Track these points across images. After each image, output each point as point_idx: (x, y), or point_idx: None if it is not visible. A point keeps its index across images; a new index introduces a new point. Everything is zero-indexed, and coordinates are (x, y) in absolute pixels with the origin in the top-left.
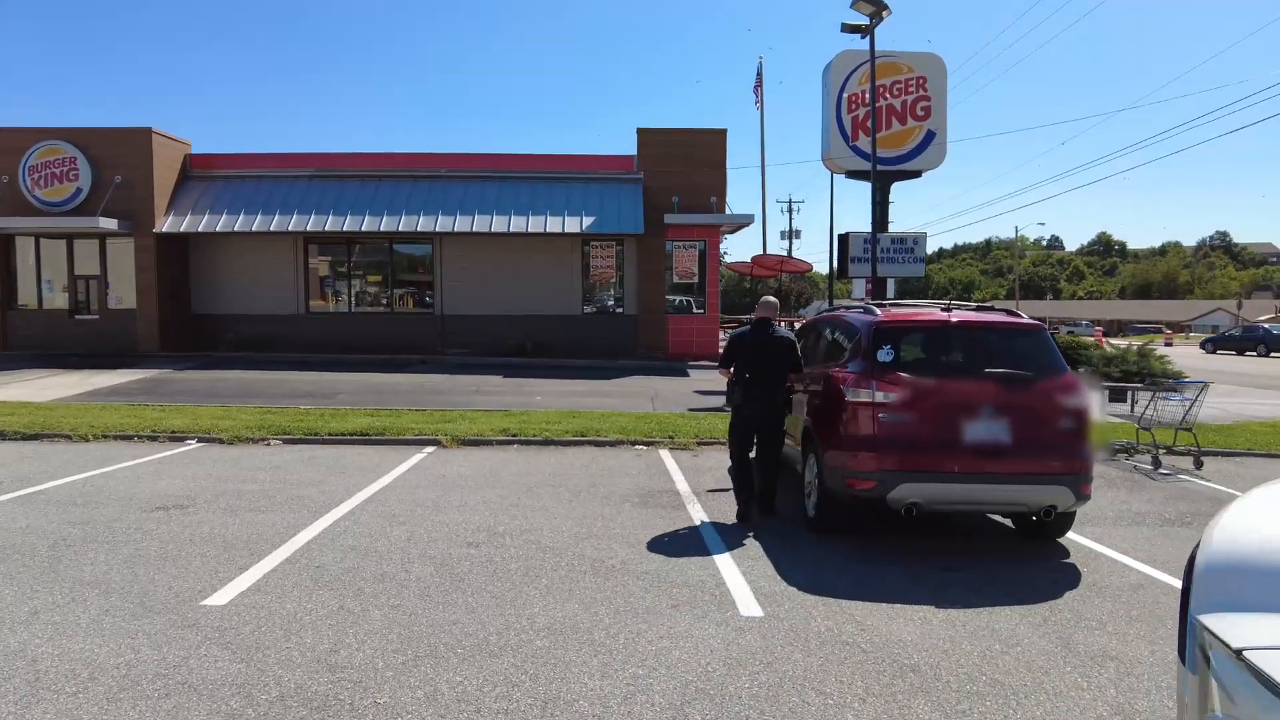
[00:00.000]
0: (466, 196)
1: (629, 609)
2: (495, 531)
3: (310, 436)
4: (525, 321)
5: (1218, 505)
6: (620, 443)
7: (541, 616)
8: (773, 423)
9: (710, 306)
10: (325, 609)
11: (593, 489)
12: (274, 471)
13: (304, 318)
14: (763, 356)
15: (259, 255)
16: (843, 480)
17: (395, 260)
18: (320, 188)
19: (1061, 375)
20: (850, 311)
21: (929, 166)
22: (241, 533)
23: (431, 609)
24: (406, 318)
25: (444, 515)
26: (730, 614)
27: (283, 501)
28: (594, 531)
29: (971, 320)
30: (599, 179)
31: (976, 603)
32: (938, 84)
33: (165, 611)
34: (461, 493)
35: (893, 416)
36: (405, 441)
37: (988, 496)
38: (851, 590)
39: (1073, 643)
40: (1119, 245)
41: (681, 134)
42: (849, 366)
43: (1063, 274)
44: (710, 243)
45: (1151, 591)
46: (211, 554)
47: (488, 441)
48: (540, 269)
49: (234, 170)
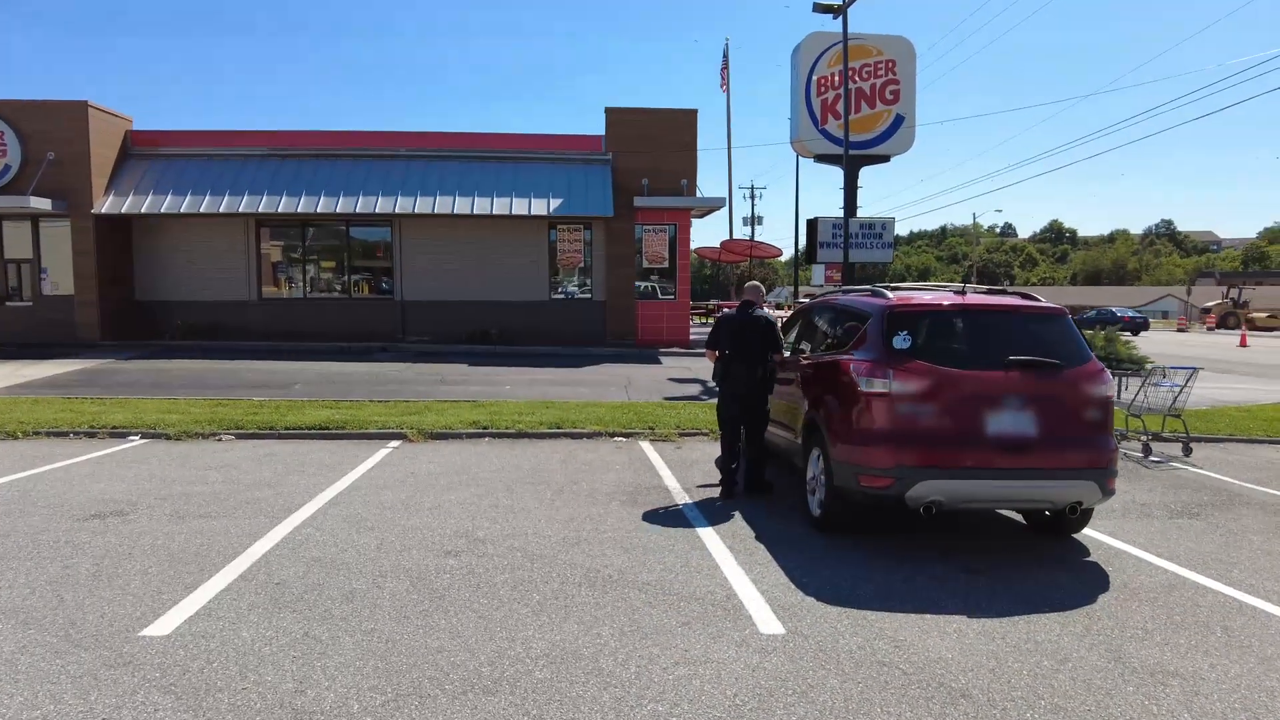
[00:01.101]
0: (426, 177)
1: (635, 628)
2: (475, 537)
3: (266, 431)
4: (490, 308)
5: (1218, 495)
6: (598, 434)
7: (538, 640)
8: (755, 398)
9: (681, 292)
10: (288, 637)
11: (575, 486)
12: (226, 471)
13: (256, 304)
14: (743, 335)
15: (208, 238)
16: (854, 477)
17: (352, 244)
18: (272, 167)
19: (1087, 363)
20: (854, 295)
21: (898, 151)
22: (189, 544)
23: (411, 634)
24: (365, 304)
25: (416, 519)
26: (749, 632)
27: (236, 505)
28: (583, 535)
29: (992, 304)
30: (566, 159)
31: (1009, 610)
32: (907, 68)
33: (95, 646)
34: (434, 493)
35: (911, 408)
36: (368, 436)
37: (1013, 493)
38: (874, 599)
39: (1125, 656)
40: (1070, 233)
41: (651, 114)
42: (861, 354)
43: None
44: (681, 226)
45: (1185, 593)
46: (154, 571)
47: (457, 435)
48: (505, 253)
49: (179, 148)
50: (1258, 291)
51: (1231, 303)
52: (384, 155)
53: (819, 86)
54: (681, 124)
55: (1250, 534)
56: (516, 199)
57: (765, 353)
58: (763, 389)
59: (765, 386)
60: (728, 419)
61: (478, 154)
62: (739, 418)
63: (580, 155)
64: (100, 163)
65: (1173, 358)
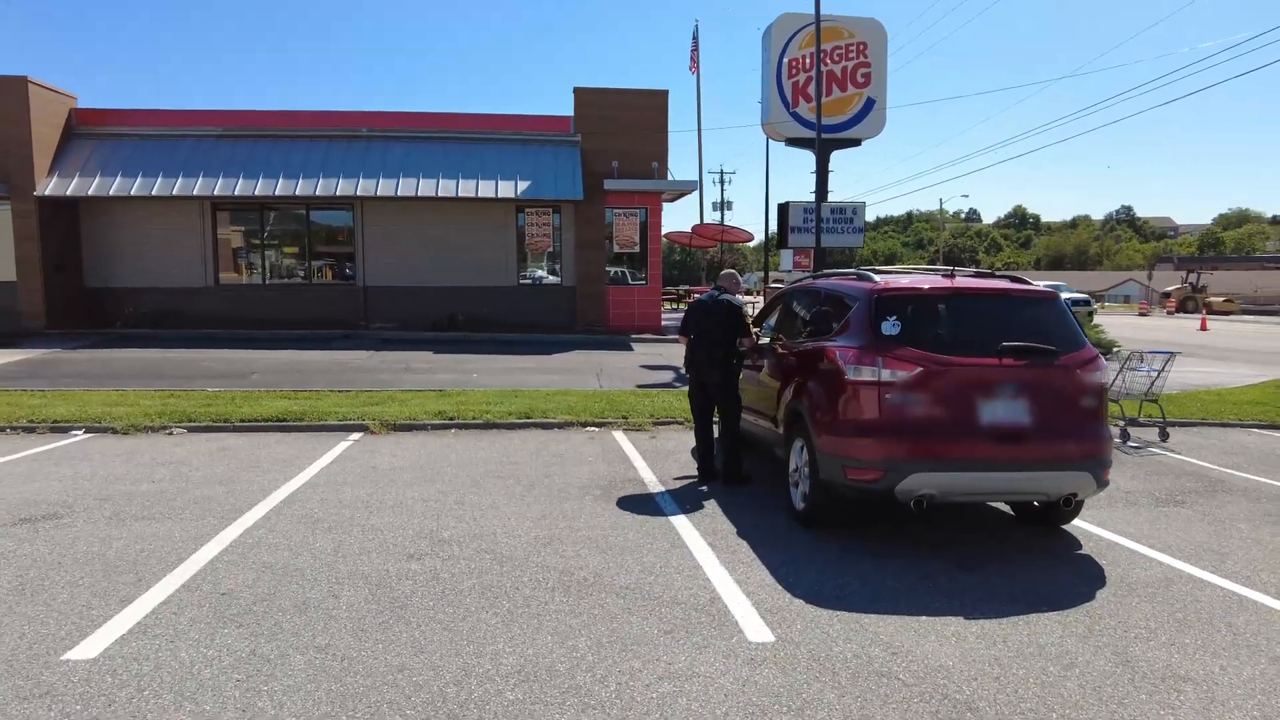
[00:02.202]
0: (389, 158)
1: (614, 639)
2: (440, 538)
3: (220, 423)
4: (456, 293)
5: (1200, 481)
6: (570, 424)
7: (508, 655)
8: (719, 385)
9: (652, 277)
10: (232, 655)
11: (547, 480)
12: (175, 467)
13: (213, 291)
14: (707, 320)
15: (161, 222)
16: (841, 469)
17: (313, 228)
18: (228, 148)
19: (1082, 349)
20: (838, 279)
21: (869, 135)
22: (128, 551)
23: (369, 650)
24: (326, 290)
25: (377, 518)
26: (737, 640)
27: (183, 506)
28: (556, 534)
29: (983, 288)
30: (534, 140)
31: (1007, 609)
32: (878, 50)
33: (8, 674)
34: (396, 489)
35: (902, 397)
36: (328, 428)
37: (1007, 486)
38: (865, 600)
39: (1132, 659)
40: (1034, 218)
41: (621, 95)
42: (847, 340)
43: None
44: (652, 210)
45: (1183, 587)
46: (85, 582)
47: (422, 426)
48: (471, 237)
49: (128, 128)
50: (1214, 276)
51: (1190, 287)
52: (345, 136)
53: (790, 69)
54: (652, 105)
55: (1237, 522)
56: (483, 181)
57: (729, 338)
58: (727, 375)
59: (730, 373)
60: (698, 407)
61: (442, 135)
62: (708, 405)
63: (548, 136)
64: (43, 143)
65: (1137, 341)
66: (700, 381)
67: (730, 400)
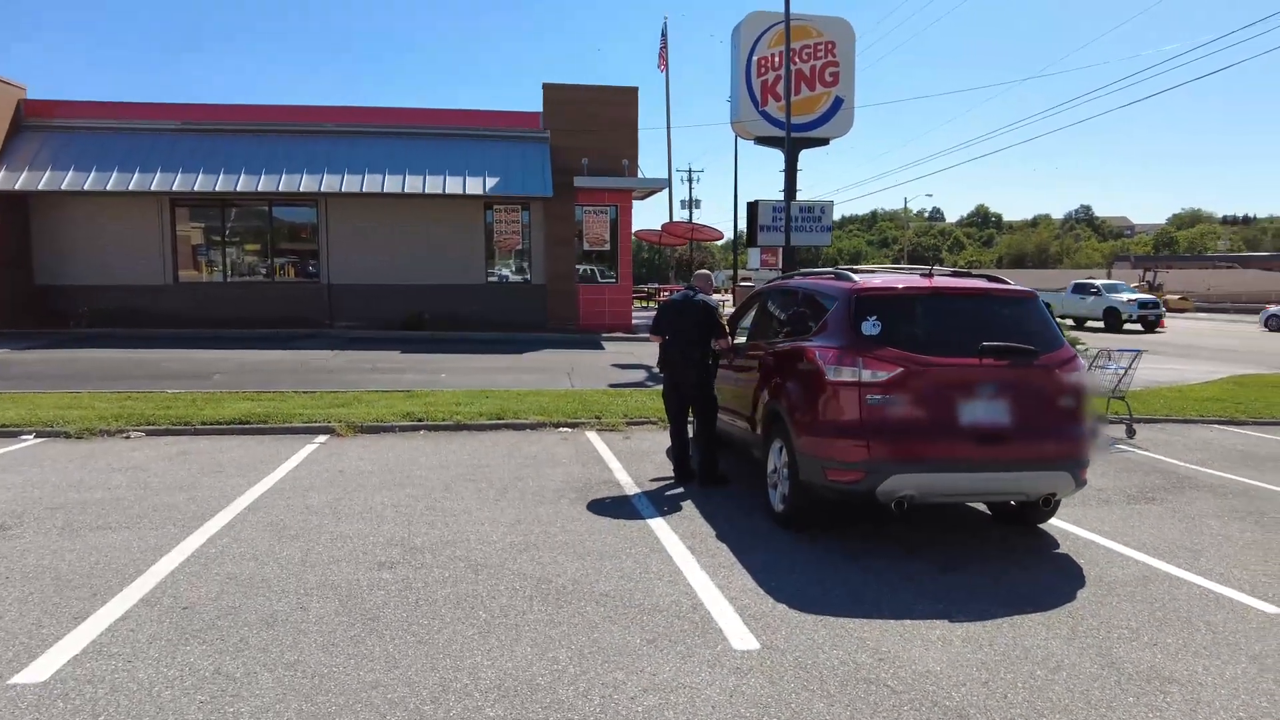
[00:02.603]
0: (354, 154)
1: (595, 649)
2: (412, 546)
3: (180, 426)
4: (423, 291)
5: (1168, 478)
6: (542, 425)
7: (487, 668)
8: (695, 386)
9: (623, 275)
10: (195, 675)
11: (520, 483)
12: (133, 473)
13: (172, 289)
14: (681, 320)
15: (117, 219)
16: (821, 471)
17: (276, 225)
18: (188, 142)
19: (1060, 348)
20: (815, 278)
21: (837, 134)
22: (82, 563)
23: (340, 665)
24: (290, 288)
25: (346, 525)
26: (721, 648)
27: (142, 514)
28: (532, 540)
29: (962, 288)
30: (502, 137)
31: (990, 611)
32: (846, 49)
33: None
34: (365, 494)
35: (882, 398)
36: (293, 430)
37: (988, 486)
38: (849, 603)
39: (1117, 660)
40: (996, 217)
41: (590, 91)
42: (826, 341)
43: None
44: (623, 208)
45: (1161, 585)
46: (35, 599)
47: (390, 428)
48: (439, 235)
49: (81, 120)
50: (1169, 275)
51: (1148, 285)
52: (309, 131)
53: (759, 67)
54: (622, 102)
55: (1207, 519)
56: (450, 178)
57: (704, 338)
58: (702, 376)
59: (706, 373)
60: (673, 408)
61: (409, 130)
62: (683, 406)
63: (517, 133)
64: None
65: (1100, 338)
66: (675, 382)
67: (706, 401)
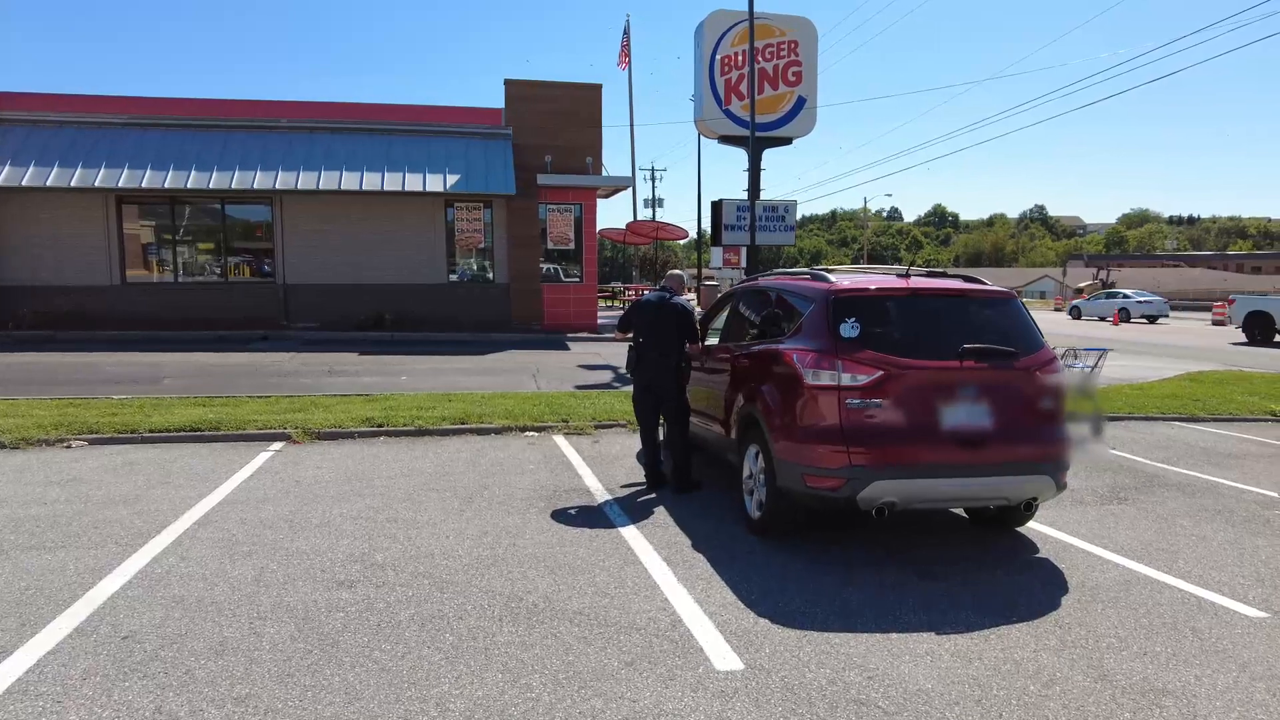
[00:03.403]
0: (311, 151)
1: (571, 675)
2: (373, 562)
3: (126, 434)
4: (383, 291)
5: (1137, 477)
6: (508, 429)
7: (455, 698)
8: (669, 391)
9: (588, 275)
10: (134, 715)
11: (486, 491)
12: (72, 486)
13: (120, 289)
14: (657, 323)
15: (60, 216)
16: (800, 477)
17: (229, 223)
18: (136, 137)
19: (1039, 350)
20: (789, 278)
21: (800, 133)
22: (10, 589)
23: (296, 699)
24: (244, 288)
25: (303, 540)
26: (704, 670)
27: (81, 531)
28: (500, 553)
29: (941, 289)
30: (464, 133)
31: (976, 622)
32: (809, 49)
33: None
34: (323, 505)
35: (863, 402)
36: (247, 437)
37: (970, 492)
38: (832, 616)
39: (1109, 672)
40: (953, 217)
41: (553, 87)
42: (803, 343)
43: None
44: (587, 206)
45: (1143, 590)
46: None
47: (349, 434)
48: (399, 233)
49: (19, 113)
50: (1121, 273)
51: (1101, 283)
52: (263, 127)
53: (723, 66)
54: (586, 99)
55: (1179, 519)
56: (410, 175)
57: (680, 342)
58: (676, 380)
59: (679, 377)
60: (644, 411)
61: (367, 126)
62: (655, 409)
63: (479, 129)
64: None
65: (1057, 337)
66: (646, 384)
67: (679, 405)
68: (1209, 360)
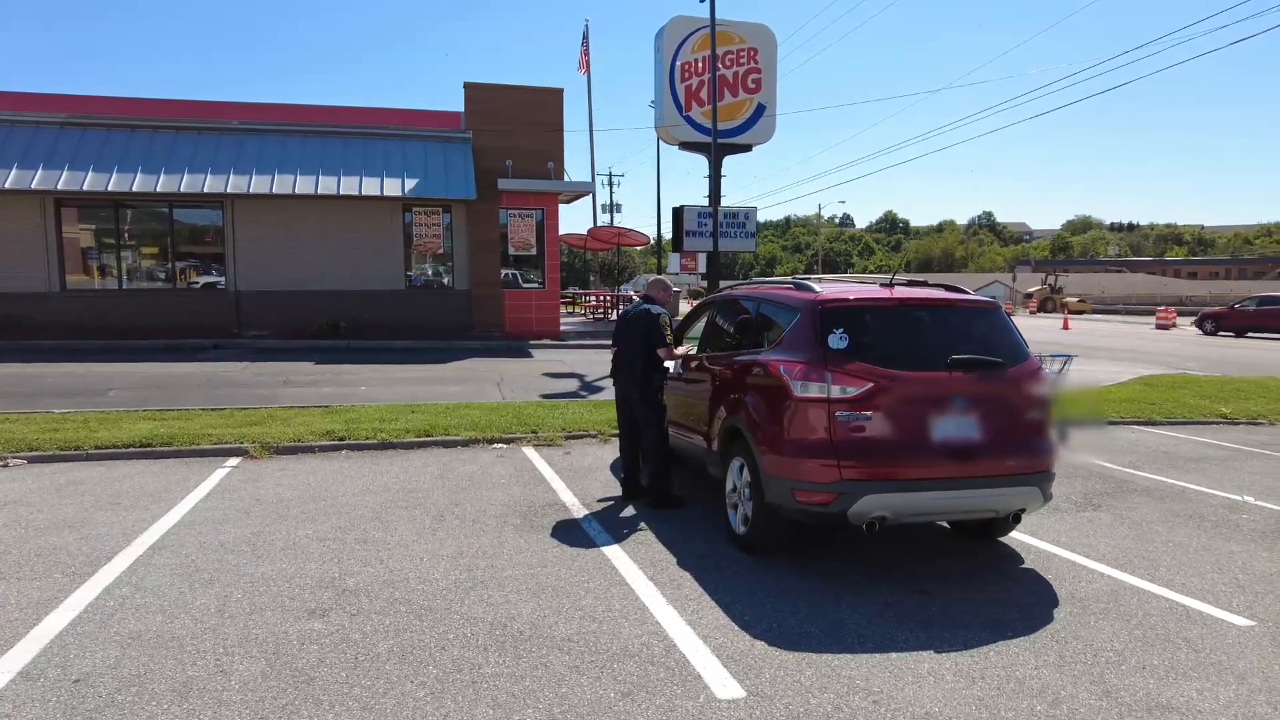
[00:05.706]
0: (263, 153)
1: (566, 707)
2: (344, 588)
3: (69, 451)
4: (339, 298)
5: (1108, 483)
6: (475, 441)
7: None
8: (640, 400)
9: (550, 281)
10: None
11: (458, 509)
12: (11, 509)
13: (59, 296)
14: (627, 330)
15: None
16: (789, 492)
17: (176, 228)
18: (76, 138)
19: (1026, 360)
20: (771, 287)
21: (760, 140)
22: None
23: None
24: (194, 295)
25: (268, 565)
26: (705, 698)
27: (21, 562)
28: (478, 576)
29: (928, 299)
30: (423, 136)
31: (975, 639)
32: (768, 56)
33: None
34: (286, 526)
35: (853, 415)
36: (201, 452)
37: (961, 505)
38: (829, 637)
39: (1112, 689)
40: (904, 223)
41: (514, 91)
42: (790, 354)
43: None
44: (549, 211)
45: (1130, 601)
46: None
47: (309, 448)
48: (355, 238)
49: None
50: (1067, 278)
51: (1050, 288)
52: (213, 128)
53: (683, 72)
54: (547, 103)
55: (1154, 525)
56: (367, 178)
57: (648, 350)
58: (646, 389)
59: (648, 387)
60: (622, 420)
61: (322, 129)
62: (633, 417)
63: (438, 133)
64: None
65: None
66: (621, 393)
67: (651, 415)
68: (1161, 364)
